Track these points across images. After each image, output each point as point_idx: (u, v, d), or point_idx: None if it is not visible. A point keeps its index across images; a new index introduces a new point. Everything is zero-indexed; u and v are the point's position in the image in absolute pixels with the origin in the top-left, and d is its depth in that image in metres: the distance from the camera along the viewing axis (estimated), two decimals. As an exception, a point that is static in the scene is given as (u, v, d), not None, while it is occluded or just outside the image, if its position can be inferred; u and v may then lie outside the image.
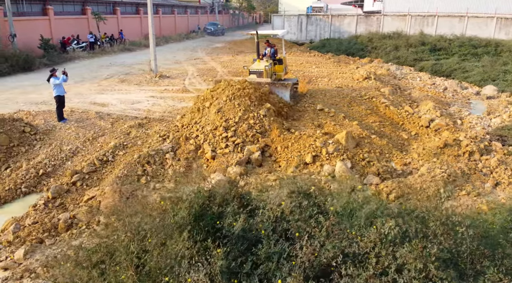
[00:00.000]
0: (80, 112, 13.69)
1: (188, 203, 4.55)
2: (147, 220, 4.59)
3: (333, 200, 4.34)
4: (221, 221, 4.34)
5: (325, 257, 3.68)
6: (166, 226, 4.29)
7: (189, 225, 4.25)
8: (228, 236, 4.41)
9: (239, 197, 4.90)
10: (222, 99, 11.82)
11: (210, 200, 4.82)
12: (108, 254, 4.91)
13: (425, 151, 11.42)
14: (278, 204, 4.48)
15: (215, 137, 10.99)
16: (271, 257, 4.00)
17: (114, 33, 33.48)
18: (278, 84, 13.92)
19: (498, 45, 27.72)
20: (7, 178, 9.46)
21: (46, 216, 7.81)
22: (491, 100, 18.27)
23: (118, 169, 9.82)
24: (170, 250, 3.96)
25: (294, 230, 4.18)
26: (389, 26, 38.43)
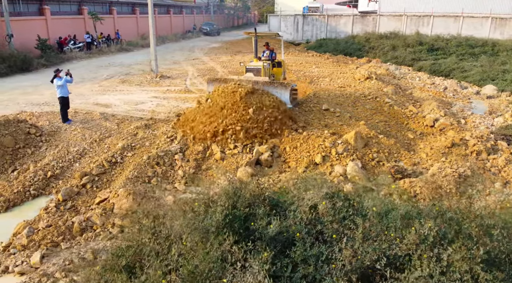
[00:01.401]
0: (84, 113, 13.54)
1: (223, 205, 4.47)
2: (180, 222, 4.50)
3: (369, 201, 4.31)
4: (255, 223, 4.29)
5: (368, 259, 3.65)
6: (200, 228, 4.21)
7: (224, 227, 4.19)
8: (260, 238, 4.36)
9: (266, 198, 4.85)
10: (229, 103, 11.54)
11: (238, 202, 4.75)
12: (137, 257, 4.84)
13: (433, 150, 11.46)
14: (311, 206, 4.43)
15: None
16: (308, 260, 3.96)
17: (110, 33, 33.22)
18: (277, 84, 12.82)
19: (495, 45, 27.98)
20: (15, 181, 9.32)
21: (60, 219, 7.69)
22: (492, 100, 18.41)
23: (127, 170, 9.72)
24: (210, 253, 3.89)
25: (330, 232, 4.14)
26: (385, 26, 38.61)
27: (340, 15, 41.79)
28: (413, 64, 26.92)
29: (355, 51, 32.66)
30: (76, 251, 6.73)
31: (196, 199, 5.41)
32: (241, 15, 69.88)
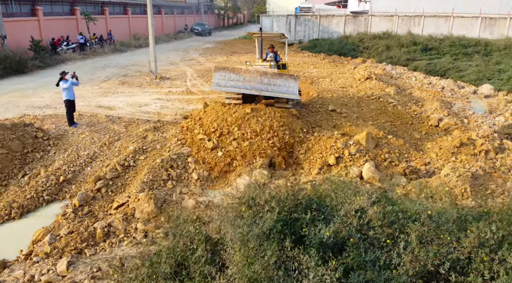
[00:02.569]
0: (89, 116, 13.33)
1: (277, 210, 4.42)
2: (227, 229, 4.44)
3: (422, 205, 4.32)
4: (308, 228, 4.25)
5: (431, 264, 3.65)
6: (254, 234, 4.15)
7: (279, 233, 4.14)
8: (309, 244, 4.33)
9: (313, 203, 4.82)
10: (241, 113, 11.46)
11: (286, 206, 4.71)
12: (179, 263, 4.76)
13: (442, 150, 11.58)
14: (357, 210, 4.43)
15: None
16: (364, 265, 3.95)
17: (103, 34, 32.79)
18: (286, 75, 12.29)
19: (487, 45, 28.45)
20: (26, 186, 9.12)
21: (80, 225, 7.55)
22: (489, 99, 18.71)
23: (142, 174, 9.59)
24: (267, 259, 3.84)
25: (382, 237, 4.14)
26: (377, 26, 38.93)
27: (333, 15, 41.97)
28: (408, 64, 27.19)
29: (349, 51, 32.83)
30: (103, 258, 6.61)
31: (233, 203, 5.35)
32: (231, 15, 69.76)
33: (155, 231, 7.33)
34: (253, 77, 12.14)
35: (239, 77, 12.18)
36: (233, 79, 12.19)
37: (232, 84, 12.18)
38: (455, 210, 4.15)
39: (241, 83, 12.16)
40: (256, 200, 5.15)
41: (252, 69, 12.59)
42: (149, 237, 7.22)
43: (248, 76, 12.17)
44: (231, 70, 12.39)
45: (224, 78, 12.22)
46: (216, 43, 40.14)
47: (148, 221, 7.68)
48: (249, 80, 12.11)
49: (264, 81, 12.11)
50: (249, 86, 12.12)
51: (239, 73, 12.22)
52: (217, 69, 12.45)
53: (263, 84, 12.11)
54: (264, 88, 12.12)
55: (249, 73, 12.24)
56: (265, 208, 4.56)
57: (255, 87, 12.11)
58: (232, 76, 12.20)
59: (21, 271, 6.40)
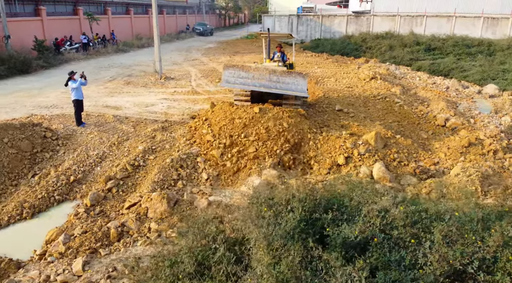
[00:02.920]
0: (96, 116, 13.33)
1: (300, 210, 4.42)
2: (251, 229, 4.43)
3: (444, 204, 4.32)
4: (331, 228, 4.26)
5: (459, 263, 3.66)
6: (278, 234, 4.14)
7: (302, 232, 4.14)
8: (331, 243, 4.34)
9: (334, 203, 4.82)
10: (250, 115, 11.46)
11: (307, 206, 4.71)
12: (199, 263, 4.75)
13: (450, 150, 11.59)
14: (380, 210, 4.43)
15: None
16: (389, 265, 3.95)
17: (105, 34, 32.79)
18: (294, 73, 12.51)
19: (490, 45, 28.45)
20: (37, 186, 9.12)
21: (93, 224, 7.55)
22: (494, 99, 18.71)
23: (152, 173, 9.60)
24: (291, 258, 3.84)
25: (406, 236, 4.14)
26: (379, 26, 38.95)
27: (335, 15, 42.00)
28: (411, 64, 27.18)
29: (352, 51, 32.83)
30: (118, 258, 6.61)
31: (252, 203, 5.35)
32: (232, 15, 69.77)
33: (169, 230, 7.34)
34: (262, 75, 12.29)
35: (248, 75, 12.32)
36: (242, 77, 12.33)
37: (241, 82, 12.32)
38: (477, 210, 4.15)
39: (250, 80, 12.28)
40: (274, 199, 5.15)
41: (261, 67, 12.75)
42: (163, 237, 7.21)
43: (257, 74, 12.31)
44: (240, 67, 12.55)
45: (234, 75, 12.36)
46: (218, 43, 40.14)
47: (161, 220, 7.68)
48: (258, 78, 12.26)
49: (273, 79, 12.25)
50: (258, 83, 12.23)
51: (248, 70, 12.38)
52: (226, 67, 12.58)
53: (272, 81, 12.23)
54: (273, 85, 12.23)
55: (258, 71, 12.40)
56: (287, 208, 4.56)
57: (264, 84, 12.22)
58: (241, 74, 12.35)
59: (36, 271, 6.40)
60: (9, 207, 8.36)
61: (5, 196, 8.97)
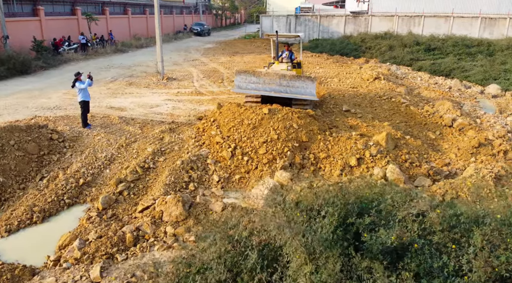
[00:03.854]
0: (101, 117, 13.13)
1: (336, 215, 4.29)
2: (285, 235, 4.29)
3: (482, 208, 4.22)
4: (369, 234, 4.14)
5: (504, 269, 3.56)
6: (315, 240, 4.01)
7: (340, 239, 4.02)
8: (368, 250, 4.22)
9: (369, 207, 4.70)
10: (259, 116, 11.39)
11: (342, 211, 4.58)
12: (228, 269, 4.61)
13: (461, 151, 11.54)
14: (417, 214, 4.32)
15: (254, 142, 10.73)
16: (431, 272, 3.84)
17: (103, 34, 32.51)
18: (303, 77, 12.83)
19: (490, 45, 28.54)
20: (46, 189, 8.92)
21: (108, 229, 7.38)
22: (497, 99, 18.74)
23: (163, 176, 9.44)
24: (331, 266, 3.72)
25: (446, 241, 4.04)
26: (377, 26, 39.02)
27: (333, 15, 41.99)
28: (412, 64, 27.22)
29: (351, 51, 32.80)
30: (135, 263, 6.46)
31: (278, 207, 5.21)
32: (228, 15, 69.59)
33: (186, 234, 7.19)
34: (273, 80, 12.69)
35: (259, 80, 12.76)
36: (253, 82, 12.78)
37: (253, 87, 12.79)
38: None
39: (261, 85, 12.72)
40: (303, 203, 5.03)
41: (271, 72, 13.10)
42: (180, 241, 7.07)
43: (268, 79, 12.72)
44: (251, 73, 12.94)
45: (245, 80, 12.82)
46: (216, 43, 39.97)
47: (176, 224, 7.53)
48: (269, 83, 12.69)
49: (283, 83, 12.64)
50: (268, 88, 12.68)
51: (259, 76, 12.79)
52: (238, 73, 13.01)
53: (282, 86, 12.64)
54: (283, 89, 12.63)
55: (269, 75, 12.78)
56: (320, 212, 4.43)
57: (274, 89, 12.63)
58: (252, 79, 12.79)
59: (53, 278, 6.23)
60: (18, 211, 8.16)
61: (13, 199, 8.77)
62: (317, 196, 4.86)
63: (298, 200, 5.36)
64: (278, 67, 14.07)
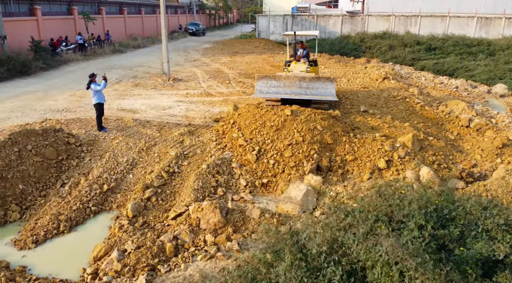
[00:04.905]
0: (115, 120, 12.72)
1: (429, 226, 4.04)
2: (368, 249, 4.01)
3: None
4: (458, 246, 3.90)
5: None
6: (408, 254, 3.75)
7: (433, 253, 3.77)
8: (457, 262, 3.97)
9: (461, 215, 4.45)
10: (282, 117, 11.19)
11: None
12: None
13: (485, 151, 11.42)
14: (507, 223, 4.10)
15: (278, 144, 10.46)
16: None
17: (100, 34, 31.88)
18: (323, 78, 13.14)
19: (490, 44, 28.69)
20: (69, 197, 8.52)
21: (144, 238, 7.02)
22: (505, 99, 18.77)
23: (190, 181, 9.10)
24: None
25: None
26: (374, 26, 39.01)
27: (330, 15, 41.86)
28: (414, 63, 27.23)
29: (351, 51, 32.71)
30: (181, 275, 6.14)
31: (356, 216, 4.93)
32: (222, 15, 69.15)
33: (226, 243, 6.88)
34: (293, 82, 13.09)
35: (279, 83, 13.16)
36: (274, 86, 13.16)
37: (274, 90, 13.12)
38: None
39: (281, 88, 13.08)
40: (371, 212, 4.77)
41: (291, 75, 13.49)
42: (222, 250, 6.75)
43: (288, 82, 13.13)
44: (272, 77, 13.38)
45: (266, 85, 13.21)
46: (213, 43, 39.56)
47: (215, 231, 7.21)
48: (289, 86, 13.06)
49: (303, 85, 13.02)
50: (289, 91, 13.01)
51: (279, 79, 13.21)
52: (259, 78, 13.41)
53: (302, 88, 13.00)
54: (303, 92, 12.96)
55: (289, 79, 13.20)
56: (409, 224, 4.16)
57: (295, 91, 12.96)
58: (273, 83, 13.19)
59: (95, 292, 5.87)
60: (43, 220, 7.76)
61: (35, 208, 8.37)
62: (390, 204, 4.59)
63: (362, 208, 5.09)
64: (297, 66, 14.37)
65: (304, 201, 8.36)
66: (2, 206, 8.15)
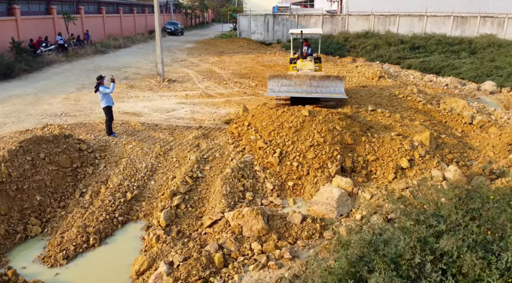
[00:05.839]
0: (121, 124, 12.19)
1: None
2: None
3: None
4: None
5: None
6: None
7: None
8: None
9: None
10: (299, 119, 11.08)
11: None
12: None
13: (496, 148, 11.64)
14: None
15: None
16: None
17: (79, 34, 30.75)
18: (332, 77, 13.69)
19: (471, 43, 29.51)
20: (92, 207, 8.03)
21: (187, 249, 6.66)
22: (495, 95, 19.31)
23: (216, 186, 8.78)
24: None
25: None
26: (354, 25, 39.52)
27: (310, 14, 42.08)
28: (400, 62, 27.64)
29: (336, 50, 32.90)
30: (238, 287, 5.84)
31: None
32: (198, 14, 68.33)
33: (275, 251, 6.63)
34: (303, 81, 13.61)
35: (290, 82, 13.67)
36: (285, 84, 13.66)
37: (285, 89, 13.63)
38: None
39: (292, 87, 13.58)
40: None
41: (301, 74, 14.07)
42: (271, 258, 6.50)
43: (299, 81, 13.65)
44: (283, 76, 13.89)
45: (278, 84, 13.70)
46: (195, 43, 38.97)
47: (259, 239, 6.95)
48: (300, 84, 13.59)
49: (313, 84, 13.55)
50: (300, 89, 13.52)
51: (290, 78, 13.73)
52: (271, 77, 13.83)
53: (313, 86, 13.52)
54: (314, 90, 13.50)
55: (299, 78, 13.73)
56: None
57: (306, 90, 13.49)
58: (284, 82, 13.69)
59: (149, 310, 5.50)
60: (70, 233, 7.26)
61: (56, 220, 7.84)
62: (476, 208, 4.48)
63: (446, 212, 4.97)
64: (304, 64, 14.98)
65: (340, 204, 8.21)
66: (21, 220, 7.60)
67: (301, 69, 14.67)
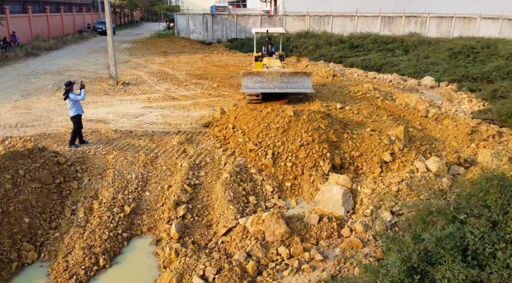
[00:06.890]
0: (91, 132, 11.31)
1: None
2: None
3: None
4: None
5: None
6: None
7: None
8: None
9: None
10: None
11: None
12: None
13: (458, 138, 12.65)
14: None
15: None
16: None
17: (5, 36, 27.96)
18: (300, 73, 14.67)
19: (403, 41, 31.67)
20: (90, 225, 7.38)
21: (215, 261, 6.38)
22: (436, 90, 20.98)
23: (217, 192, 8.53)
24: None
25: None
26: (290, 25, 40.61)
27: (249, 14, 42.36)
28: (342, 61, 28.84)
29: (277, 50, 33.45)
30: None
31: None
32: (128, 13, 65.49)
33: (304, 254, 6.60)
34: (275, 78, 14.53)
35: (263, 79, 14.49)
36: (258, 81, 14.46)
37: (259, 86, 14.44)
38: None
39: (265, 84, 14.44)
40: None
41: (273, 71, 14.84)
42: (302, 262, 6.47)
43: (271, 77, 14.53)
44: (255, 73, 14.62)
45: (251, 81, 14.43)
46: (132, 43, 37.37)
47: (283, 242, 6.88)
48: (272, 80, 14.47)
49: (284, 80, 14.53)
50: (272, 85, 14.44)
51: (263, 75, 14.54)
52: (244, 74, 14.56)
53: (283, 82, 14.52)
54: (285, 86, 14.54)
55: (271, 74, 14.60)
56: None
57: (277, 86, 14.48)
58: (257, 79, 14.48)
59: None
60: (76, 256, 6.60)
61: (51, 243, 7.09)
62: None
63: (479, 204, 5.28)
64: (271, 62, 15.98)
65: (345, 201, 8.40)
66: (13, 247, 6.76)
67: (270, 67, 15.12)
